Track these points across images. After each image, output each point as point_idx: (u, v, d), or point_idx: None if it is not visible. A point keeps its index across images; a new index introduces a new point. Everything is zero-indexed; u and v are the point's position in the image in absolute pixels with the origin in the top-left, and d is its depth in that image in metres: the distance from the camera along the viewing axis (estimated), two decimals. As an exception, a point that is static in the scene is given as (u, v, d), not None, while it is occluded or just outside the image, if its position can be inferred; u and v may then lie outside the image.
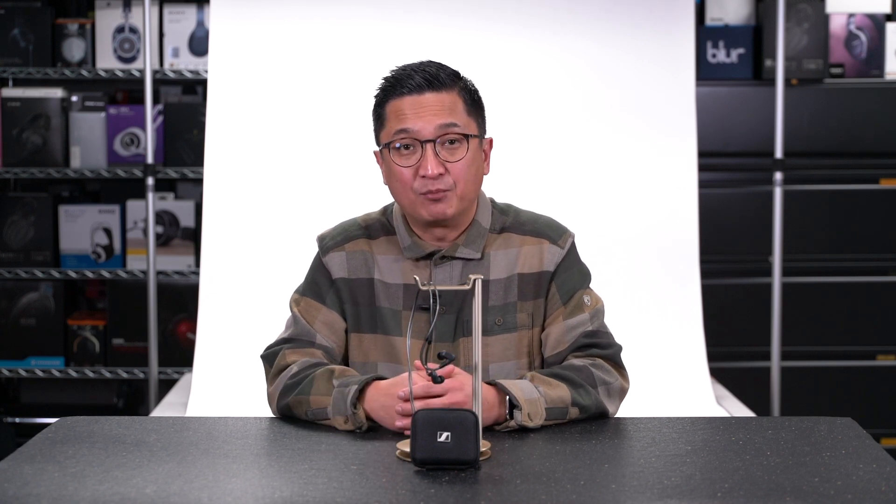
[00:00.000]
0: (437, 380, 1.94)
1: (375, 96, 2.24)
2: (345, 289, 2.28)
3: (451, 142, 2.18)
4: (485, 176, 2.27)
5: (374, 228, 2.31)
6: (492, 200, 2.33)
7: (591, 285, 2.31)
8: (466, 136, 2.19)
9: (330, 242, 2.31)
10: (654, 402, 3.00)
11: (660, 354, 3.31)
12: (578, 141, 3.44)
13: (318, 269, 2.31)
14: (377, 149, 2.27)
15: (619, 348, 2.26)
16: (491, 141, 2.28)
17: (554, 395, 2.10)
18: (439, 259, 2.25)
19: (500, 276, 2.25)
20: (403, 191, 2.20)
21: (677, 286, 3.39)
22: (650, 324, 3.34)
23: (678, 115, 3.45)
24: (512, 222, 2.30)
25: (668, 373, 3.28)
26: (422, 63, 2.22)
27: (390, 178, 2.23)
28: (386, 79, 2.23)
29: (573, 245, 2.31)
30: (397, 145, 2.18)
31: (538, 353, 2.28)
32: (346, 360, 2.31)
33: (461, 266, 2.25)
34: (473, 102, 2.23)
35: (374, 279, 2.27)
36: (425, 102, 2.17)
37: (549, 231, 2.29)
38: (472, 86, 2.25)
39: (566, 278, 2.27)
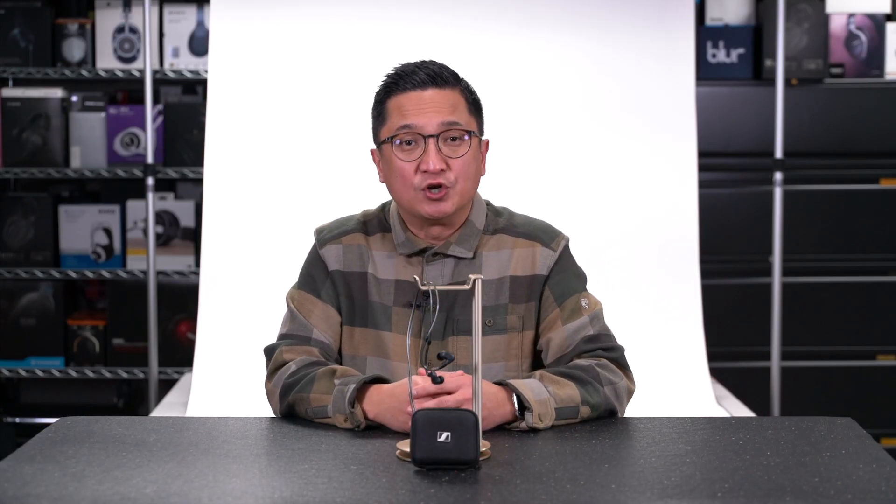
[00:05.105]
0: (436, 380, 1.94)
1: (377, 93, 2.25)
2: (340, 281, 2.28)
3: (453, 138, 2.18)
4: (482, 177, 2.27)
5: (371, 224, 2.31)
6: (488, 203, 2.33)
7: (590, 286, 2.31)
8: (469, 133, 2.19)
9: (327, 235, 2.31)
10: (654, 401, 3.00)
11: (660, 354, 3.31)
12: (578, 141, 3.44)
13: (315, 262, 2.31)
14: (374, 147, 2.28)
15: (623, 349, 2.26)
16: (487, 143, 2.29)
17: (563, 394, 2.09)
18: (431, 256, 2.25)
19: (492, 277, 2.25)
20: (403, 187, 2.20)
21: (677, 286, 3.39)
22: (650, 323, 3.34)
23: (678, 115, 3.45)
24: (505, 224, 2.30)
25: (668, 373, 3.28)
26: (424, 61, 2.24)
27: (390, 174, 2.23)
28: (388, 75, 2.24)
29: (567, 248, 2.30)
30: (398, 141, 2.19)
31: (527, 357, 2.28)
32: (340, 354, 2.31)
33: (453, 264, 2.25)
34: (474, 103, 2.25)
35: (367, 273, 2.28)
36: (428, 99, 2.18)
37: (542, 234, 2.29)
38: (472, 88, 2.26)
39: (559, 280, 2.26)
